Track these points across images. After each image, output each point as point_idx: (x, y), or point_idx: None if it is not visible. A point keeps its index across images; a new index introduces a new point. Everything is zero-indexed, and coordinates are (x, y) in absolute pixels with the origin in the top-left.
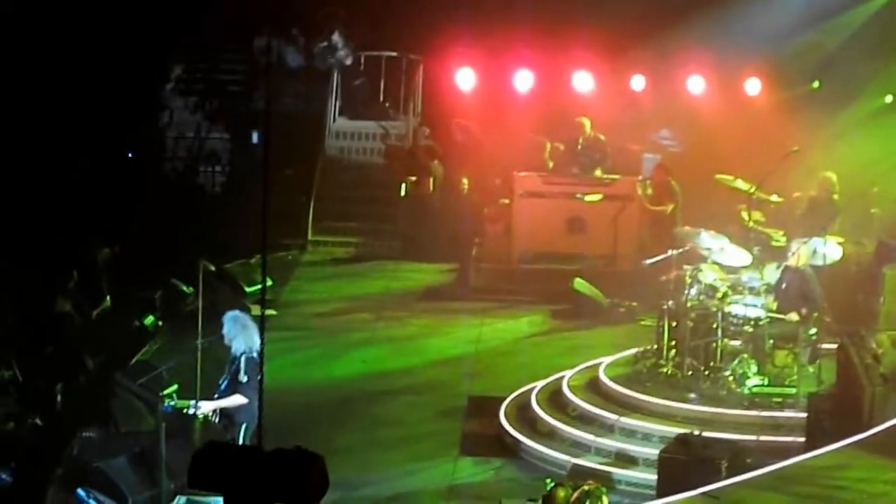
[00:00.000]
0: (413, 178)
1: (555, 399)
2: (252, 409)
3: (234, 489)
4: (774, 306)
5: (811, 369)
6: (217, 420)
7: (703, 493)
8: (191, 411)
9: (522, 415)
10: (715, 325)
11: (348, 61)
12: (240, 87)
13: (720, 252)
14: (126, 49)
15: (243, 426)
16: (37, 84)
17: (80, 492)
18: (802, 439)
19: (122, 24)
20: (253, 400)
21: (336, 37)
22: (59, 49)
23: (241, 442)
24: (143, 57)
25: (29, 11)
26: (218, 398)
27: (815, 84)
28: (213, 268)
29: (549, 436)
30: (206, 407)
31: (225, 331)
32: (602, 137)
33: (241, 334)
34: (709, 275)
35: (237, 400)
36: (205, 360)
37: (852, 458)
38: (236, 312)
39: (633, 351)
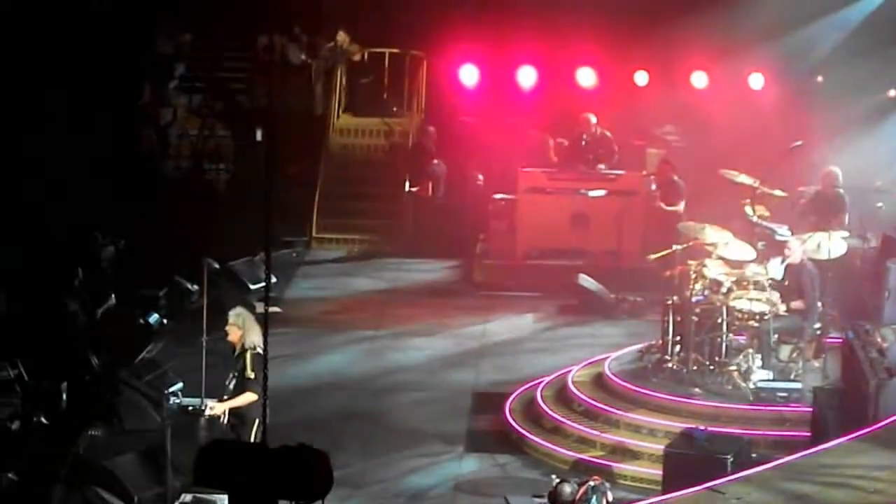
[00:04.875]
0: (414, 189)
1: (560, 395)
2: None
3: (238, 486)
4: (779, 301)
5: (816, 363)
6: (227, 418)
7: (709, 488)
8: (207, 412)
9: (528, 411)
10: (720, 320)
11: (356, 58)
12: (243, 85)
13: (724, 247)
14: (129, 44)
15: (256, 422)
16: (42, 78)
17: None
18: (808, 433)
19: (125, 18)
20: (262, 396)
21: (341, 36)
22: (61, 41)
23: (254, 439)
24: (146, 51)
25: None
26: (228, 398)
27: (819, 78)
28: (217, 265)
29: (554, 431)
30: (218, 409)
31: (231, 322)
32: (608, 133)
33: (247, 331)
34: (713, 270)
35: (248, 398)
36: (210, 357)
37: (858, 452)
38: (241, 308)
39: (638, 346)
